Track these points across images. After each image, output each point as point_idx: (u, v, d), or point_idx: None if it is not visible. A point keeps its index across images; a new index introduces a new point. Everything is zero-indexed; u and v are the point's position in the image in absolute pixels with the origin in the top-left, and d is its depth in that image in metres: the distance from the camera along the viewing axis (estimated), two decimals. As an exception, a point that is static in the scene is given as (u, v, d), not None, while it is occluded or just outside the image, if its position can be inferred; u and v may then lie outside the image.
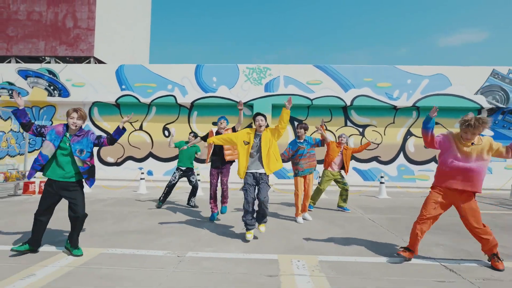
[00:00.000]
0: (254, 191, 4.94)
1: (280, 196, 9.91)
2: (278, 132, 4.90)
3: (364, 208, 7.90)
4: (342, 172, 7.68)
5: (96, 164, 12.29)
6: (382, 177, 10.29)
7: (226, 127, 6.24)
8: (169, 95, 12.08)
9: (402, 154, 12.23)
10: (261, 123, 4.93)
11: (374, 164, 12.26)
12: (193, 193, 7.88)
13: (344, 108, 12.33)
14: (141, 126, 12.63)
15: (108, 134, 4.12)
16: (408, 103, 11.76)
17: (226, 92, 11.96)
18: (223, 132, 6.09)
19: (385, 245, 4.71)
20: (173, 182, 7.67)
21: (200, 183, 10.18)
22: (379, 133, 12.29)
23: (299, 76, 11.94)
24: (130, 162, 12.59)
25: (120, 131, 4.28)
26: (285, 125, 4.86)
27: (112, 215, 6.64)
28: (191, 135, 7.84)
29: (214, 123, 12.16)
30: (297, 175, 6.36)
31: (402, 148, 12.25)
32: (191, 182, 7.85)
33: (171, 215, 6.71)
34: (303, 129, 6.41)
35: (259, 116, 4.99)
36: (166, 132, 12.57)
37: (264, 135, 4.92)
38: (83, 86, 12.24)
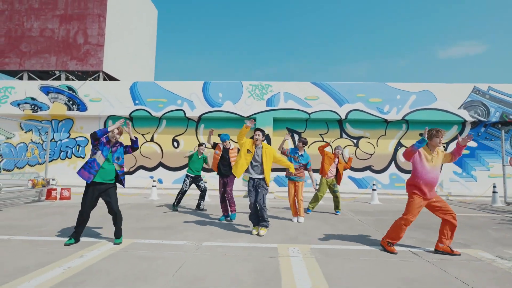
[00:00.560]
0: (254, 195, 5.97)
1: (281, 202, 10.90)
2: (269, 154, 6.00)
3: (356, 212, 8.89)
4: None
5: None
6: (374, 184, 11.28)
7: (232, 146, 7.51)
8: (178, 109, 13.19)
9: (393, 163, 13.24)
10: (257, 137, 6.01)
11: (368, 173, 13.26)
12: (202, 196, 8.87)
13: (339, 122, 13.39)
14: (152, 138, 13.70)
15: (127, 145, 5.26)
16: (398, 116, 12.82)
17: (231, 107, 13.06)
18: (229, 148, 7.44)
19: (367, 238, 5.70)
20: (185, 189, 8.67)
21: (207, 190, 11.22)
22: (372, 144, 13.32)
23: (297, 92, 13.04)
24: (141, 171, 13.62)
25: (135, 141, 5.33)
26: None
27: (132, 216, 7.61)
28: (201, 147, 8.85)
29: (219, 136, 13.22)
30: (288, 178, 7.46)
31: (393, 158, 13.26)
32: (200, 187, 8.84)
33: (184, 216, 7.69)
34: (302, 143, 7.48)
35: (257, 131, 6.08)
36: (175, 143, 13.62)
37: (264, 150, 5.98)
38: (99, 101, 13.35)
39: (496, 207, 10.44)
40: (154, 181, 11.63)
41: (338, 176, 8.54)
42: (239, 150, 7.20)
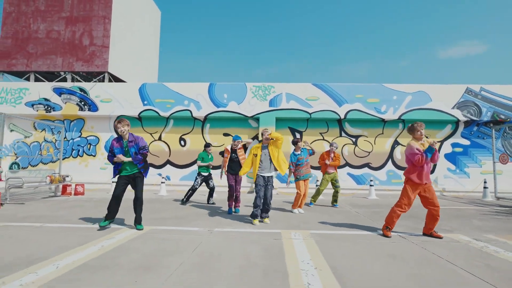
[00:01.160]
0: (264, 191, 6.61)
1: (284, 197, 11.57)
2: (276, 144, 6.62)
3: (353, 205, 9.53)
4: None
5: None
6: (371, 180, 11.94)
7: (239, 146, 8.07)
8: (185, 110, 13.87)
9: (390, 161, 13.88)
10: (266, 136, 6.65)
11: (366, 170, 13.91)
12: (211, 194, 9.54)
13: (338, 121, 14.05)
14: (160, 137, 14.36)
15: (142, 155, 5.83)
16: (395, 116, 13.47)
17: (236, 107, 13.73)
18: (237, 148, 7.98)
19: (361, 226, 6.35)
20: (196, 187, 9.30)
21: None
22: (370, 142, 13.96)
23: (299, 93, 13.71)
24: (150, 169, 14.21)
25: (139, 161, 5.80)
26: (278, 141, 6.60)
27: (146, 209, 8.23)
28: (208, 148, 9.53)
29: (225, 134, 13.93)
30: (298, 179, 8.03)
31: (390, 155, 13.91)
32: (209, 185, 9.48)
33: (194, 209, 8.34)
34: (295, 143, 8.14)
35: (266, 130, 6.76)
36: (182, 142, 14.28)
37: (270, 147, 6.62)
38: (110, 102, 14.02)
39: (486, 201, 11.07)
40: (163, 177, 12.29)
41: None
42: (245, 146, 7.96)
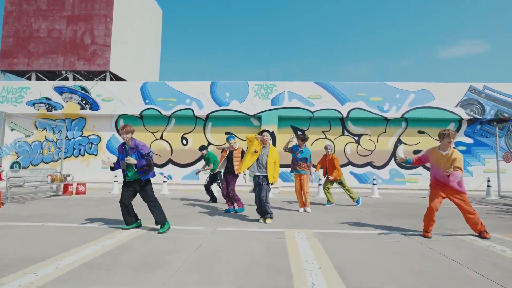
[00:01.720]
0: (258, 191, 6.54)
1: (286, 196, 11.51)
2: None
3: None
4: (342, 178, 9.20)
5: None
6: (374, 179, 11.86)
7: (237, 147, 8.00)
8: (187, 108, 13.83)
9: (393, 159, 13.80)
10: (265, 137, 6.57)
11: (369, 169, 13.84)
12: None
13: (341, 120, 13.98)
14: (161, 136, 14.32)
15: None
16: (398, 114, 13.39)
17: (238, 106, 13.68)
18: (234, 149, 7.89)
19: (364, 225, 6.28)
20: (205, 184, 9.36)
21: (215, 185, 11.80)
22: (372, 141, 13.89)
23: (301, 92, 13.64)
24: (151, 168, 14.20)
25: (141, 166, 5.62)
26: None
27: (145, 208, 8.17)
28: (203, 151, 9.52)
29: (227, 133, 13.87)
30: (293, 171, 8.09)
31: (393, 154, 13.83)
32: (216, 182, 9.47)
33: (196, 208, 8.30)
34: (301, 140, 8.04)
35: (265, 132, 6.68)
36: (184, 141, 14.24)
37: (270, 151, 6.55)
38: (111, 101, 13.99)
39: (490, 200, 10.99)
40: (165, 177, 12.24)
41: (329, 169, 9.04)
42: (243, 151, 7.86)
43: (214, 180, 9.38)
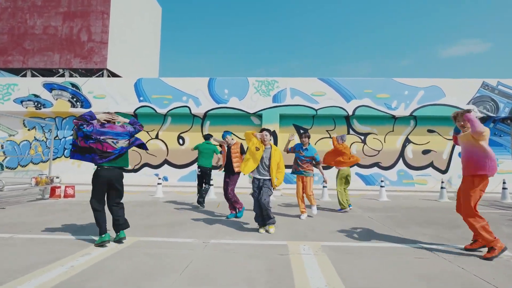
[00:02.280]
0: (257, 195, 5.79)
1: (289, 199, 10.76)
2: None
3: (364, 209, 8.72)
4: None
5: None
6: (382, 181, 11.12)
7: (235, 142, 7.28)
8: (183, 106, 13.08)
9: (401, 160, 13.06)
10: (265, 138, 5.83)
11: (375, 170, 13.10)
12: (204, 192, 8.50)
13: (346, 118, 13.23)
14: (157, 135, 13.59)
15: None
16: (406, 112, 12.64)
17: (237, 103, 12.93)
18: (231, 145, 7.17)
19: (377, 235, 5.54)
20: (197, 183, 8.50)
21: (213, 188, 11.08)
22: (379, 140, 13.14)
23: (304, 88, 12.89)
24: (146, 169, 13.52)
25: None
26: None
27: (138, 213, 7.49)
28: (211, 139, 8.63)
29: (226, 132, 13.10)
30: (295, 173, 7.34)
31: (401, 154, 13.09)
32: (205, 183, 8.57)
33: (191, 214, 7.55)
34: (307, 137, 7.32)
35: (264, 132, 5.90)
36: (181, 141, 13.50)
37: (272, 152, 5.80)
38: (103, 98, 13.26)
39: (506, 203, 10.25)
40: (159, 178, 11.52)
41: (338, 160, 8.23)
42: (242, 145, 7.11)
43: (204, 175, 8.57)
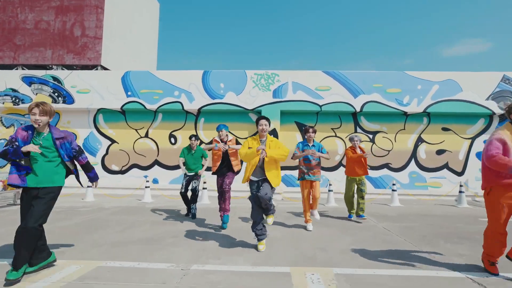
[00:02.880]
0: (256, 190, 4.72)
1: (290, 204, 9.64)
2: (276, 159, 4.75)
3: (377, 217, 7.62)
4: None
5: (100, 172, 12.08)
6: (394, 184, 10.03)
7: (228, 138, 6.25)
8: (175, 102, 11.91)
9: (413, 161, 11.94)
10: (264, 127, 4.77)
11: (385, 171, 11.96)
12: (193, 199, 7.28)
13: (353, 114, 12.09)
14: (146, 133, 12.44)
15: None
16: (419, 109, 11.51)
17: (234, 99, 11.78)
18: (226, 141, 6.15)
19: (401, 255, 4.44)
20: (182, 191, 7.26)
21: (206, 191, 9.97)
22: (389, 139, 12.01)
23: (307, 82, 11.76)
24: (135, 170, 12.36)
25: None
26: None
27: (114, 224, 6.39)
28: (192, 139, 7.49)
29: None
30: (303, 178, 6.27)
31: (414, 155, 11.96)
32: (192, 186, 7.34)
33: (176, 225, 6.42)
34: (314, 132, 6.27)
35: (262, 120, 4.83)
36: (173, 140, 12.37)
37: (268, 143, 4.78)
38: (88, 93, 12.10)
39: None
40: (147, 181, 10.40)
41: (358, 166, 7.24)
42: (237, 141, 5.98)
43: (191, 181, 7.40)
